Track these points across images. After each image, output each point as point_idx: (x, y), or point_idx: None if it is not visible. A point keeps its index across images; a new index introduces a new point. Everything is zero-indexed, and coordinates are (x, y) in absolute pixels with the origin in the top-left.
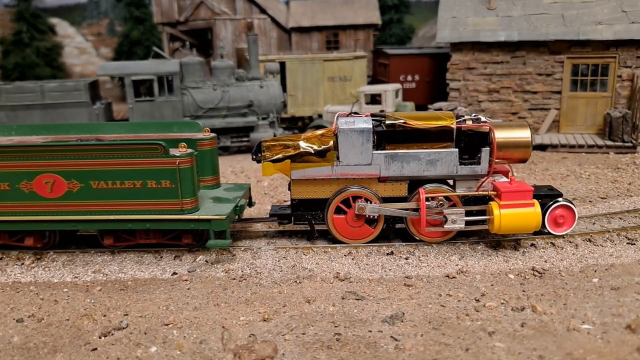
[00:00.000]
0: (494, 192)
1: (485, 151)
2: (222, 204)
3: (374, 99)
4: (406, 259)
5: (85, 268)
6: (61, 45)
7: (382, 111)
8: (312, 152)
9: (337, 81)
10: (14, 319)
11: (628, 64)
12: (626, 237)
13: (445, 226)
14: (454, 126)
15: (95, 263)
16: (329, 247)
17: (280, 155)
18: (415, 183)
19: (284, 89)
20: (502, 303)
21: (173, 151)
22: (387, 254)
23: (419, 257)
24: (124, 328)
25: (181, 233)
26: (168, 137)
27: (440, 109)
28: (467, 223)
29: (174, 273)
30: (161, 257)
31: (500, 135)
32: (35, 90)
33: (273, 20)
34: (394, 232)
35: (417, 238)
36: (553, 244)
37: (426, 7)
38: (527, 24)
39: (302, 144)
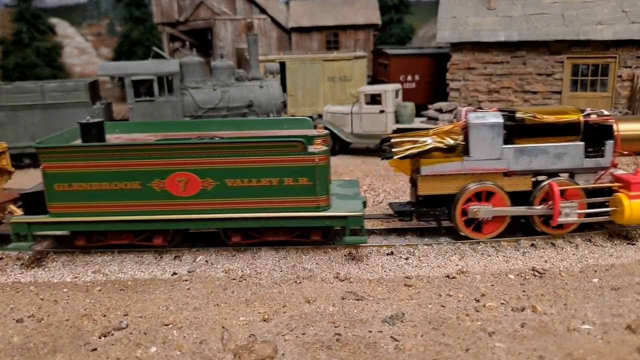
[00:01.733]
0: (619, 184)
1: (609, 144)
2: (350, 200)
3: (374, 99)
4: (406, 259)
5: (85, 268)
6: (61, 45)
7: (382, 111)
8: (444, 147)
9: (337, 81)
10: (13, 319)
11: (628, 64)
12: (626, 238)
13: (559, 219)
14: (581, 120)
15: (95, 263)
16: (329, 247)
17: (413, 151)
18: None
19: (284, 89)
20: (503, 303)
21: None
22: (387, 254)
23: (419, 258)
24: (123, 328)
25: (310, 231)
26: (278, 134)
27: (440, 109)
28: (588, 215)
29: (174, 273)
30: (161, 258)
31: (624, 128)
32: (36, 90)
33: (273, 20)
34: (518, 226)
35: (539, 230)
36: (553, 244)
37: (426, 7)
38: (527, 24)
39: (430, 139)
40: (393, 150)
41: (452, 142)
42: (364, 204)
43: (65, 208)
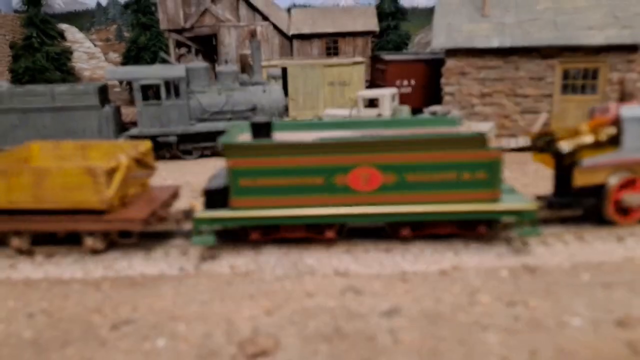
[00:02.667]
0: None
1: None
2: (512, 194)
3: (372, 103)
4: (402, 255)
5: (96, 265)
6: (71, 50)
7: (379, 114)
8: (605, 140)
9: (337, 86)
10: (25, 314)
11: (618, 68)
12: (616, 235)
13: None
14: None
15: (105, 260)
16: (330, 245)
17: (579, 144)
18: None
19: (286, 94)
20: (496, 298)
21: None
22: (384, 250)
23: (415, 254)
24: (132, 322)
25: (477, 223)
26: (426, 132)
27: (434, 113)
28: None
29: (181, 269)
30: (169, 254)
31: None
32: (46, 94)
33: (275, 27)
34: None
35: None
36: (544, 242)
37: (422, 14)
38: (520, 30)
39: (587, 133)
40: (560, 144)
41: (606, 135)
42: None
43: (247, 202)
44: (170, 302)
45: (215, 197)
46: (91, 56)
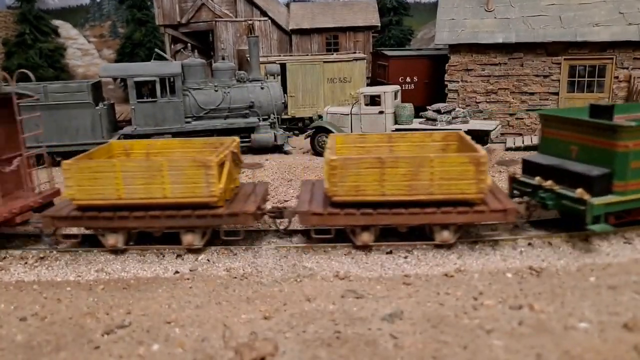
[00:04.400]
0: None
1: None
2: None
3: (374, 100)
4: (405, 257)
5: (89, 267)
6: (64, 46)
7: (381, 112)
8: None
9: (337, 82)
10: (17, 317)
11: (625, 65)
12: (623, 237)
13: None
14: None
15: (98, 262)
16: (329, 246)
17: None
18: None
19: (285, 90)
20: (500, 301)
21: None
22: (386, 252)
23: (418, 256)
24: (126, 326)
25: None
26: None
27: (438, 110)
28: None
29: (176, 272)
30: (163, 256)
31: None
32: (39, 92)
33: (274, 22)
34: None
35: None
36: (550, 243)
37: (425, 9)
38: (525, 26)
39: None
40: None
41: None
42: None
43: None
44: (165, 306)
45: (598, 183)
46: (85, 53)
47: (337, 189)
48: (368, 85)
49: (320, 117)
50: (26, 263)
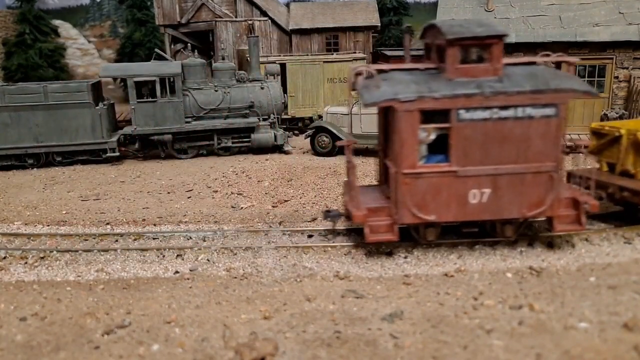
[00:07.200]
0: None
1: None
2: None
3: None
4: (405, 257)
5: (89, 267)
6: (64, 46)
7: None
8: None
9: (337, 82)
10: (17, 317)
11: (625, 65)
12: (623, 237)
13: None
14: None
15: (98, 262)
16: (329, 246)
17: None
18: None
19: (285, 90)
20: (500, 301)
21: None
22: (386, 253)
23: (418, 256)
24: (126, 326)
25: None
26: None
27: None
28: None
29: (176, 272)
30: (163, 256)
31: None
32: (38, 91)
33: (274, 22)
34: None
35: None
36: (550, 243)
37: (425, 9)
38: (525, 26)
39: None
40: None
41: None
42: None
43: None
44: (165, 306)
45: None
46: (85, 53)
47: None
48: None
49: (320, 117)
50: (26, 263)
